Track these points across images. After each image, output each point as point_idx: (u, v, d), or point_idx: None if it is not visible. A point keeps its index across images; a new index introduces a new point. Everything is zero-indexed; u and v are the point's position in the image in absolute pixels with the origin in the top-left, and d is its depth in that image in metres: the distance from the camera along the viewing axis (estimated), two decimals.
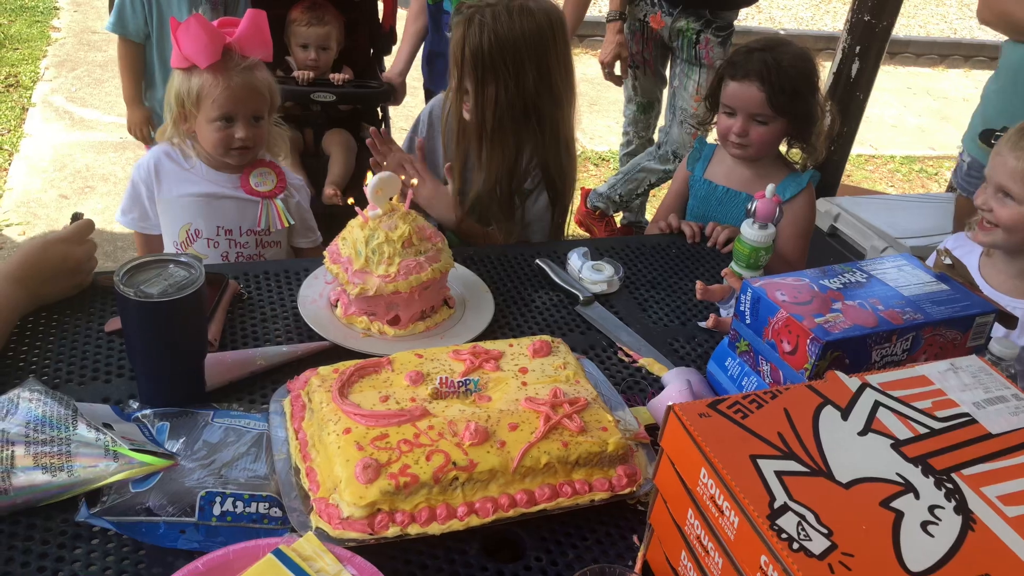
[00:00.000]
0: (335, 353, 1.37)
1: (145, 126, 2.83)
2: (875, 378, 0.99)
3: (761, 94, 1.92)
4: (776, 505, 0.80)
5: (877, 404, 0.95)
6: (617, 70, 3.34)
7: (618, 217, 3.83)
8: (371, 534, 1.00)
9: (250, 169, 1.86)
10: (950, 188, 3.65)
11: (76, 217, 1.47)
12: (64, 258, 1.40)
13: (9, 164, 3.89)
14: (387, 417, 1.10)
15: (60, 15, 5.78)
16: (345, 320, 1.46)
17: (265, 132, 1.84)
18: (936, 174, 5.24)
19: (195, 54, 1.69)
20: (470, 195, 1.93)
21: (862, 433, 0.91)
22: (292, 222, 1.89)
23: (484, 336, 1.47)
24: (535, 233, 2.00)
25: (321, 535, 0.99)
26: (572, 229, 3.88)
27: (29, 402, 1.07)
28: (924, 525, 0.79)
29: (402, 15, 3.14)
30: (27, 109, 4.44)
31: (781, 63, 1.93)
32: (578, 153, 4.75)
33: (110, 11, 2.71)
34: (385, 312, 1.44)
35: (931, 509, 0.81)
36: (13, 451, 1.02)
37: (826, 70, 3.50)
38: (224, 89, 1.72)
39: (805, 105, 1.96)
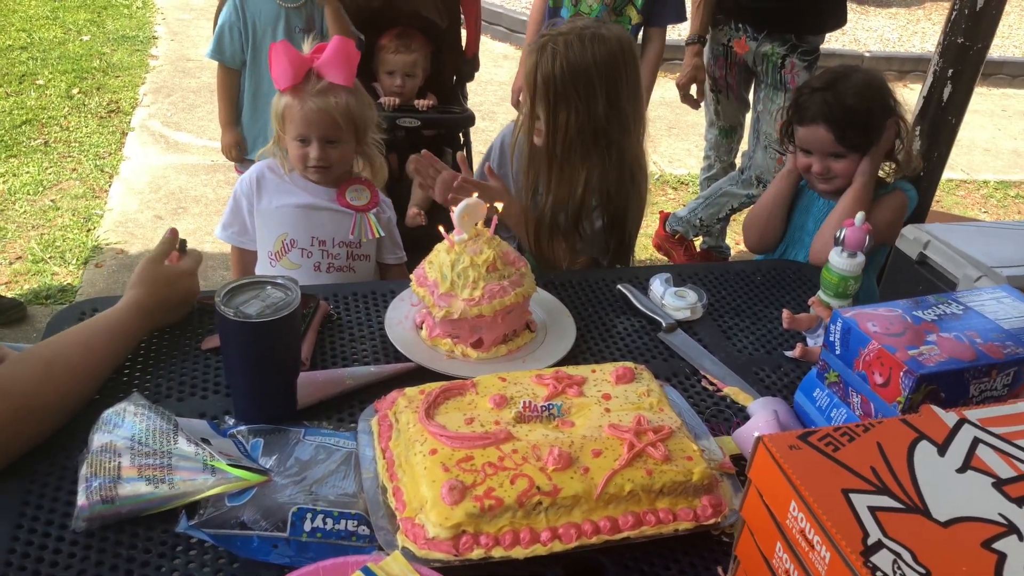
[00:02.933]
0: (420, 374, 1.39)
1: (236, 148, 2.94)
2: (974, 413, 0.96)
3: (829, 135, 1.92)
4: (870, 542, 0.79)
5: (976, 441, 0.92)
6: (693, 92, 3.34)
7: (697, 242, 3.80)
8: (456, 555, 1.01)
9: (346, 185, 1.94)
10: None
11: (174, 234, 1.53)
12: (188, 291, 1.49)
13: (109, 186, 4.09)
14: (472, 439, 1.11)
15: (158, 44, 6.06)
16: (430, 342, 1.49)
17: (344, 154, 1.91)
18: None
19: (277, 76, 1.81)
20: (538, 213, 1.95)
21: (960, 470, 0.88)
22: (383, 234, 1.96)
23: (565, 361, 1.48)
24: (590, 251, 2.01)
25: (407, 554, 1.01)
26: (650, 253, 3.86)
27: (134, 416, 1.12)
28: None
29: (484, 42, 3.19)
30: (126, 133, 4.66)
31: (845, 101, 1.92)
32: (656, 176, 4.73)
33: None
34: (469, 335, 1.46)
35: None
36: (120, 462, 1.07)
37: (915, 93, 3.42)
38: (299, 111, 1.83)
39: (880, 131, 1.94)
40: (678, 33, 6.84)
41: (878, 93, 1.97)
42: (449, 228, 1.48)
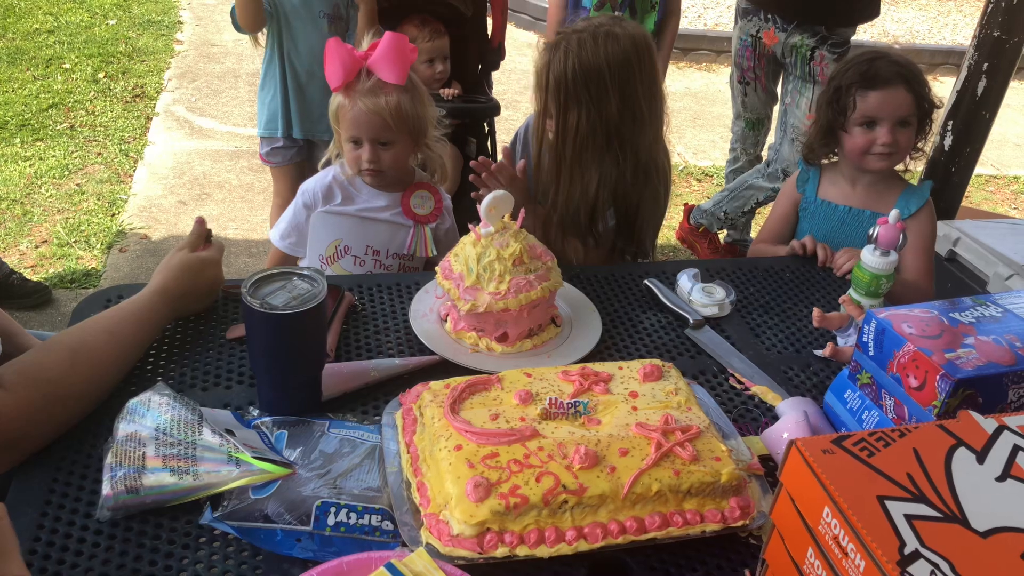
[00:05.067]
0: (444, 368, 1.38)
1: None
2: (1014, 420, 0.93)
3: (909, 96, 1.91)
4: (907, 551, 0.77)
5: (1016, 448, 0.90)
6: None
7: (721, 235, 3.76)
8: (480, 553, 1.01)
9: (412, 190, 1.90)
10: None
11: (201, 222, 1.52)
12: (214, 280, 1.48)
13: (134, 171, 4.11)
14: (498, 436, 1.10)
15: (184, 28, 6.07)
16: (455, 335, 1.47)
17: (398, 156, 1.85)
18: None
19: (330, 76, 1.76)
20: (551, 211, 1.94)
21: (1000, 479, 0.86)
22: (435, 253, 1.91)
23: (591, 357, 1.46)
24: (603, 250, 2.00)
25: (431, 551, 1.00)
26: (673, 244, 3.83)
27: (159, 406, 1.12)
28: None
29: (509, 30, 3.17)
30: (151, 118, 4.68)
31: (912, 65, 1.94)
32: (680, 168, 4.69)
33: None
34: (494, 329, 1.45)
35: None
36: (144, 452, 1.07)
37: (947, 86, 3.36)
38: (349, 111, 1.78)
39: (931, 104, 1.96)
40: (704, 23, 6.78)
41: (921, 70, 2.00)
42: (475, 220, 1.46)
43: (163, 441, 1.08)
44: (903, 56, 1.98)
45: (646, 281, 1.70)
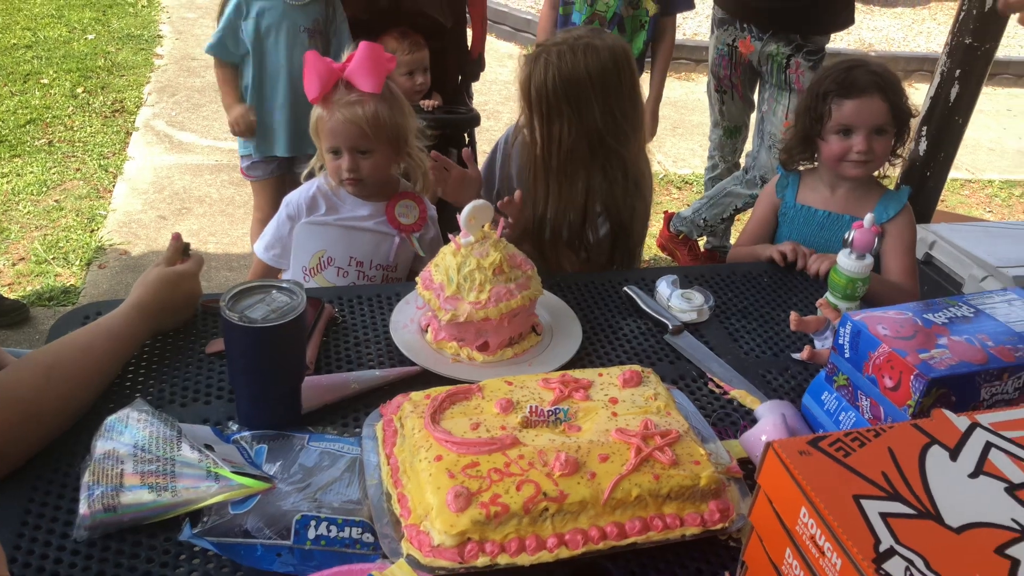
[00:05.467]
0: (425, 378, 1.38)
1: (245, 119, 2.79)
2: (986, 417, 0.95)
3: (884, 105, 1.93)
4: (882, 548, 0.78)
5: (989, 445, 0.91)
6: None
7: (701, 242, 3.78)
8: (461, 563, 1.00)
9: (396, 200, 1.90)
10: None
11: (177, 238, 1.52)
12: (191, 293, 1.48)
13: (113, 186, 4.08)
14: (478, 445, 1.10)
15: (163, 43, 6.06)
16: (435, 345, 1.48)
17: (377, 165, 1.84)
18: None
19: (308, 88, 1.77)
20: (541, 223, 1.94)
21: (973, 475, 0.87)
22: (424, 254, 1.92)
23: (572, 364, 1.47)
24: (595, 259, 2.00)
25: (412, 562, 1.00)
26: (653, 252, 3.85)
27: (137, 423, 1.12)
28: None
29: (489, 41, 3.18)
30: (130, 133, 4.66)
31: (888, 74, 1.96)
32: (660, 176, 4.73)
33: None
34: (475, 338, 1.45)
35: None
36: (122, 469, 1.07)
37: (920, 92, 3.40)
38: (328, 122, 1.78)
39: (908, 113, 1.98)
40: (683, 32, 6.83)
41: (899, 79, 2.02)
42: (455, 231, 1.47)
43: (141, 458, 1.08)
44: (881, 65, 2.00)
45: (625, 288, 1.71)
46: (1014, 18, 2.14)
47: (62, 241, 3.58)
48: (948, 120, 3.15)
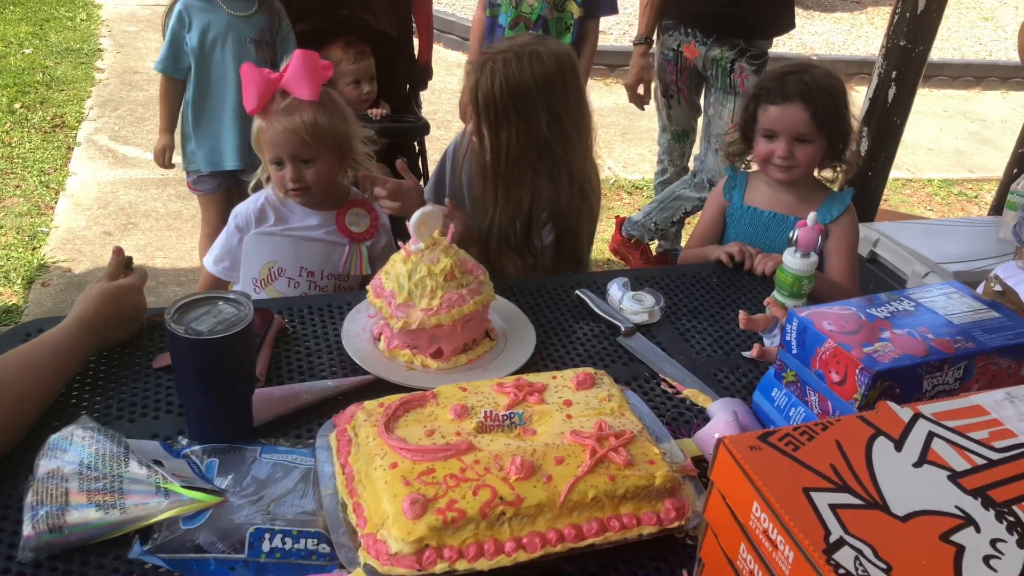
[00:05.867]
0: (379, 387, 1.38)
1: (166, 154, 2.93)
2: (928, 408, 0.97)
3: (805, 114, 1.94)
4: (832, 539, 0.79)
5: (932, 435, 0.93)
6: (640, 91, 3.38)
7: (653, 245, 3.82)
8: (419, 570, 1.00)
9: (347, 208, 1.89)
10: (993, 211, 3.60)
11: (119, 253, 1.49)
12: (135, 307, 1.45)
13: (55, 202, 3.99)
14: (433, 452, 1.10)
15: (104, 56, 5.94)
16: (388, 354, 1.47)
17: (321, 173, 1.83)
18: (976, 197, 5.17)
19: (246, 100, 1.75)
20: (489, 230, 1.95)
21: (917, 465, 0.89)
22: (370, 272, 1.90)
23: (526, 368, 1.47)
24: (542, 264, 2.01)
25: (370, 571, 0.99)
26: (606, 257, 3.88)
27: (82, 440, 1.09)
28: (987, 559, 0.77)
29: (437, 50, 3.19)
30: (72, 148, 4.55)
31: (819, 82, 1.96)
32: (611, 182, 4.77)
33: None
34: (428, 345, 1.45)
35: (993, 543, 0.79)
36: (67, 488, 1.04)
37: (861, 95, 3.49)
38: (268, 132, 1.77)
39: (842, 122, 1.99)
40: (629, 39, 6.91)
41: (842, 85, 2.02)
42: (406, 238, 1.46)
43: (87, 476, 1.05)
44: (822, 73, 1.99)
45: (578, 292, 1.72)
46: (946, 20, 2.20)
47: (2, 259, 3.48)
48: (887, 121, 3.24)
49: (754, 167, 2.16)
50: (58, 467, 1.06)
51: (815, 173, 2.09)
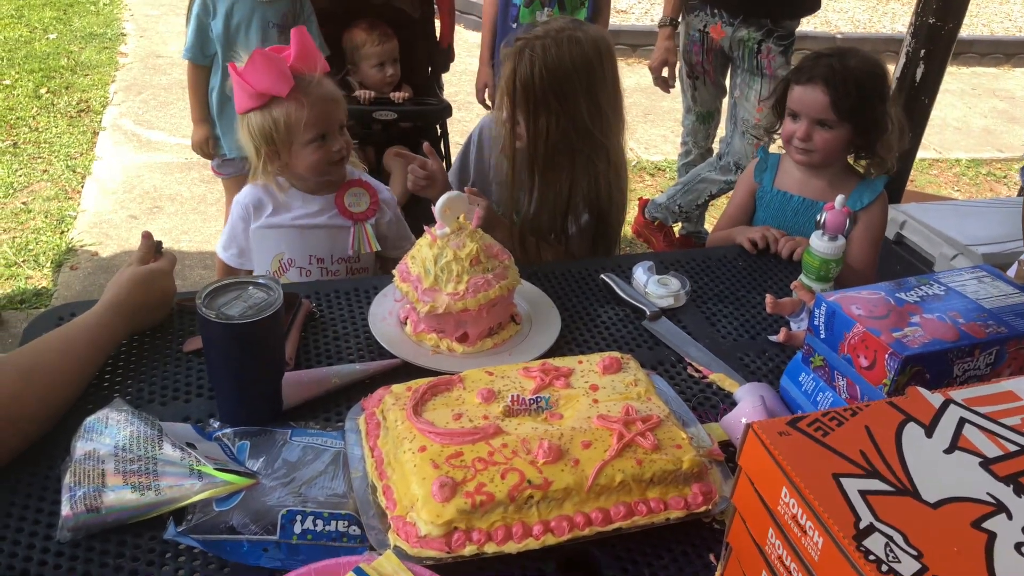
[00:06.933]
0: (406, 370, 1.39)
1: (207, 144, 2.91)
2: (959, 394, 0.96)
3: (825, 98, 1.91)
4: (862, 525, 0.79)
5: (963, 421, 0.92)
6: (665, 73, 3.35)
7: (676, 228, 3.81)
8: (448, 552, 1.01)
9: (344, 189, 1.87)
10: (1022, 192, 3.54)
11: (148, 237, 1.51)
12: (165, 291, 1.46)
13: (82, 187, 4.03)
14: (461, 435, 1.11)
15: (127, 41, 5.97)
16: (415, 337, 1.48)
17: (349, 140, 1.85)
18: (1004, 177, 5.09)
19: (273, 86, 1.70)
20: (522, 217, 1.94)
21: (948, 451, 0.89)
22: (379, 248, 1.90)
23: (551, 352, 1.47)
24: (575, 249, 2.01)
25: (399, 553, 1.00)
26: (629, 239, 3.86)
27: (117, 423, 1.11)
28: (1018, 547, 0.77)
29: (458, 31, 3.18)
30: (98, 133, 4.60)
31: (848, 67, 1.92)
32: (633, 163, 4.76)
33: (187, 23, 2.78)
34: (454, 329, 1.45)
35: None
36: (104, 469, 1.06)
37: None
38: (311, 109, 1.72)
39: (872, 112, 1.93)
40: (651, 19, 6.85)
41: (880, 74, 1.97)
42: (431, 222, 1.47)
43: (123, 458, 1.07)
44: (860, 60, 1.94)
45: (603, 275, 1.72)
46: None
47: (32, 243, 3.53)
48: (915, 100, 3.19)
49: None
50: (94, 449, 1.08)
51: (850, 160, 2.06)
